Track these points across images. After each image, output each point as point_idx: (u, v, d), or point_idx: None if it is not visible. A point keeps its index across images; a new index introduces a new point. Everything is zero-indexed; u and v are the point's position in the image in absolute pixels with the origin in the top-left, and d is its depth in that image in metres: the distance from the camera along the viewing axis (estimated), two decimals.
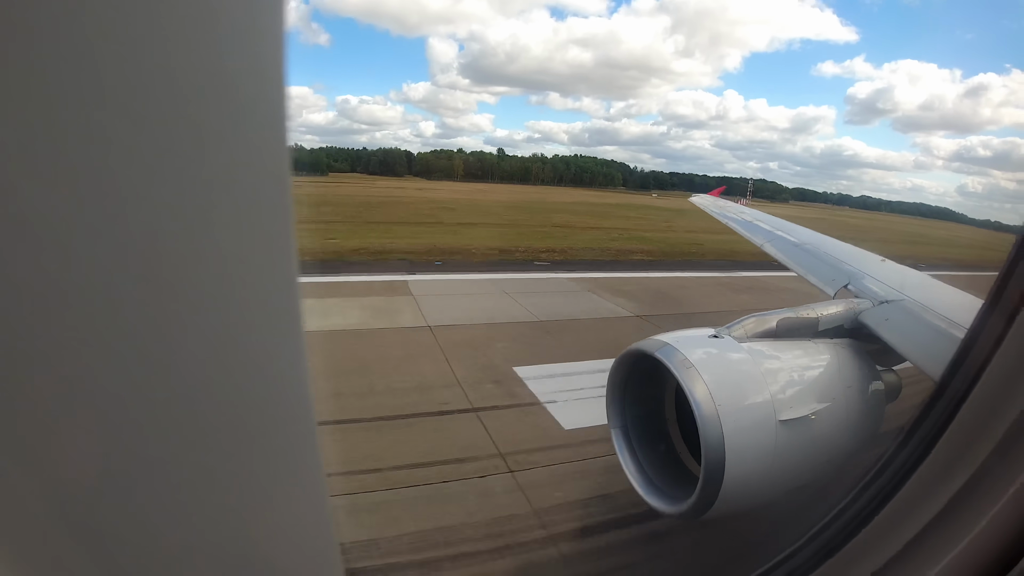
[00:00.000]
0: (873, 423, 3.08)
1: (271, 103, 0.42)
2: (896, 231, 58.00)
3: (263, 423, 0.50)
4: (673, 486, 3.02)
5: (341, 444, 5.18)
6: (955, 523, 1.08)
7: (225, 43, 0.39)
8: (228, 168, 0.42)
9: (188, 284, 0.43)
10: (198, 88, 0.39)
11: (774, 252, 6.14)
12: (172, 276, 0.42)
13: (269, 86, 0.42)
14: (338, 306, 9.72)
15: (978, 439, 1.08)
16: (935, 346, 2.93)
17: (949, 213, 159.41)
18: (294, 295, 0.48)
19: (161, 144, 0.39)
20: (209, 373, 0.45)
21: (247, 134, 0.42)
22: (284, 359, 0.49)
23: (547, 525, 4.26)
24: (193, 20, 0.38)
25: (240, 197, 0.43)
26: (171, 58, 0.37)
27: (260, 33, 0.41)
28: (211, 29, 0.39)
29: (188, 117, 0.39)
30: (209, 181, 0.41)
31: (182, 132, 0.39)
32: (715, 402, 2.56)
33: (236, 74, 0.40)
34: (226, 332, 0.45)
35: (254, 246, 0.45)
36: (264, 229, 0.45)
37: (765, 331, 3.04)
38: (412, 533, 4.05)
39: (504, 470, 5.00)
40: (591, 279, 14.06)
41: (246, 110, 0.42)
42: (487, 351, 8.04)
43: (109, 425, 0.43)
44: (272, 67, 0.42)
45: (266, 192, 0.44)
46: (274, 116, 0.43)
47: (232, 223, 0.43)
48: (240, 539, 0.53)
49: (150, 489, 0.46)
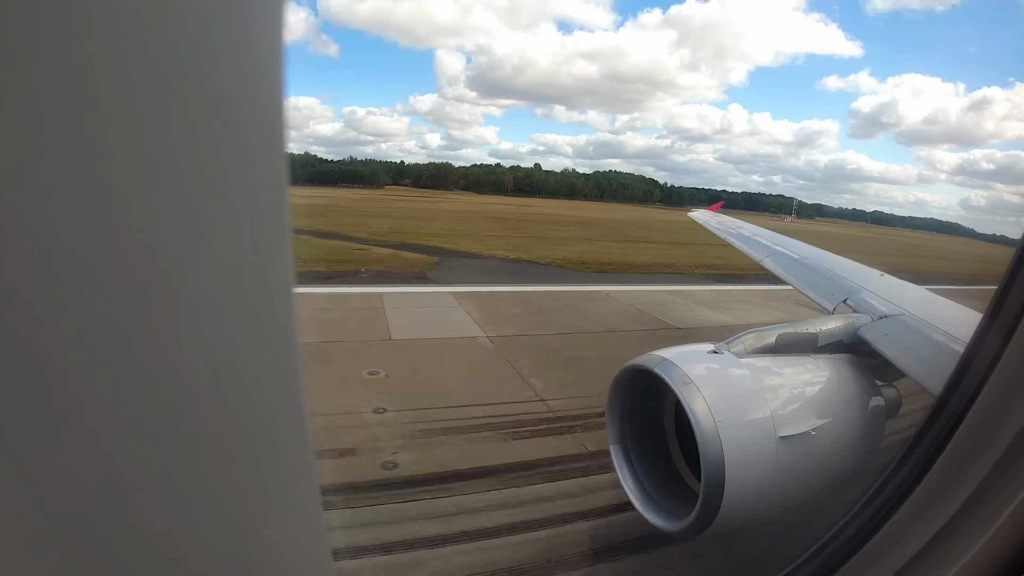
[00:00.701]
0: (873, 438, 3.06)
1: (269, 111, 0.43)
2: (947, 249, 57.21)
3: (258, 431, 0.49)
4: (672, 503, 2.99)
5: None
6: (957, 538, 1.07)
7: (223, 50, 0.40)
8: (225, 175, 0.42)
9: (183, 292, 0.42)
10: (196, 96, 0.39)
11: (773, 267, 6.15)
12: (167, 283, 0.42)
13: (267, 93, 0.42)
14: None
15: (979, 453, 1.08)
16: (935, 361, 2.92)
17: (962, 228, 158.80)
18: (289, 303, 0.48)
19: (157, 151, 0.39)
20: (204, 381, 0.45)
21: (245, 141, 0.42)
22: (279, 367, 0.49)
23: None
24: (191, 27, 0.38)
25: (236, 205, 0.43)
26: (169, 65, 0.38)
27: (259, 41, 0.42)
28: (209, 36, 0.39)
29: (185, 124, 0.39)
30: (205, 188, 0.41)
31: (179, 139, 0.39)
32: (715, 418, 2.54)
33: (234, 82, 0.41)
34: (221, 340, 0.45)
35: (250, 254, 0.45)
36: (261, 237, 0.45)
37: (764, 347, 3.04)
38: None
39: None
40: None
41: (244, 118, 0.42)
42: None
43: (104, 432, 0.43)
44: (271, 74, 0.42)
45: (263, 200, 0.44)
46: (272, 124, 0.43)
47: (228, 230, 0.43)
48: (235, 547, 0.52)
49: (144, 497, 0.46)
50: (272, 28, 0.42)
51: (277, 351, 0.48)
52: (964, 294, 4.29)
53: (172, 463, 0.46)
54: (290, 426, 0.51)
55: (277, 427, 0.50)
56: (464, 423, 5.56)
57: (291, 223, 0.46)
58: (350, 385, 6.32)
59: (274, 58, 0.42)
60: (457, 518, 4.09)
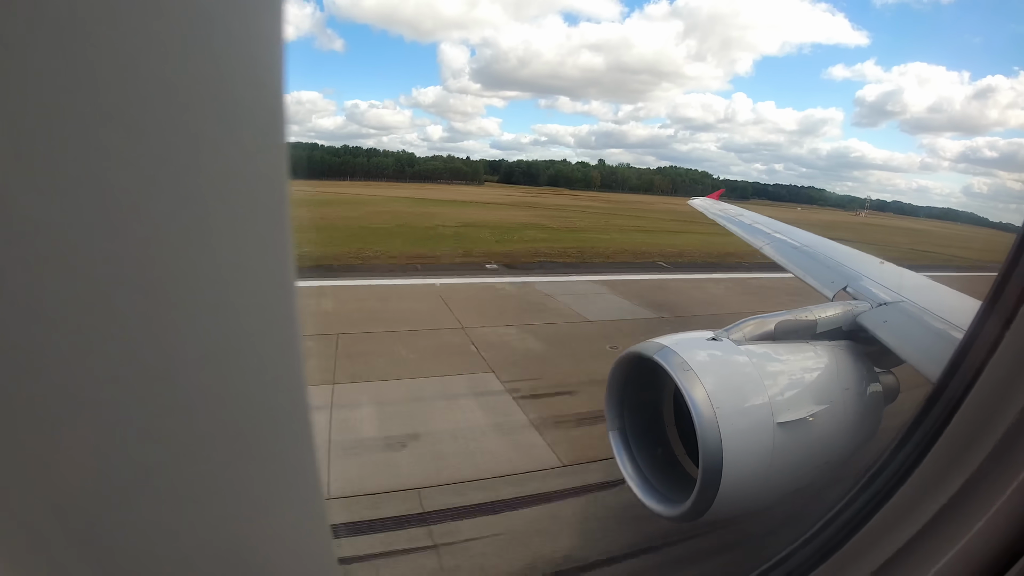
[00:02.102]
0: (871, 425, 3.08)
1: (269, 107, 0.42)
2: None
3: (261, 429, 0.49)
4: (671, 488, 3.02)
5: None
6: (953, 524, 1.08)
7: (223, 47, 0.39)
8: (225, 172, 0.41)
9: (185, 289, 0.42)
10: (196, 93, 0.39)
11: (773, 254, 6.15)
12: (169, 281, 0.42)
13: (268, 90, 0.42)
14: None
15: (976, 440, 1.09)
16: (933, 347, 2.94)
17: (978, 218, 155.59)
18: (291, 299, 0.48)
19: (157, 149, 0.38)
20: (207, 378, 0.45)
21: (245, 138, 0.42)
22: (282, 364, 0.49)
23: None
24: (190, 26, 0.38)
25: (237, 201, 0.43)
26: (168, 64, 0.37)
27: (259, 36, 0.41)
28: (209, 35, 0.39)
29: (185, 122, 0.39)
30: (206, 186, 0.41)
31: (179, 137, 0.39)
32: (713, 405, 2.56)
33: (234, 78, 0.40)
34: (224, 337, 0.45)
35: (251, 250, 0.44)
36: (262, 233, 0.45)
37: (763, 334, 3.05)
38: None
39: None
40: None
41: (244, 115, 0.41)
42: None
43: (107, 430, 0.43)
44: (271, 71, 0.42)
45: (264, 196, 0.44)
46: (272, 120, 0.43)
47: (229, 228, 0.43)
48: (237, 544, 0.53)
49: (147, 494, 0.46)
50: (272, 23, 0.41)
51: (280, 347, 0.48)
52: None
53: (175, 459, 0.46)
54: (294, 423, 0.51)
55: (281, 424, 0.50)
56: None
57: (292, 218, 0.46)
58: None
59: (274, 53, 0.42)
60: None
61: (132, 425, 0.43)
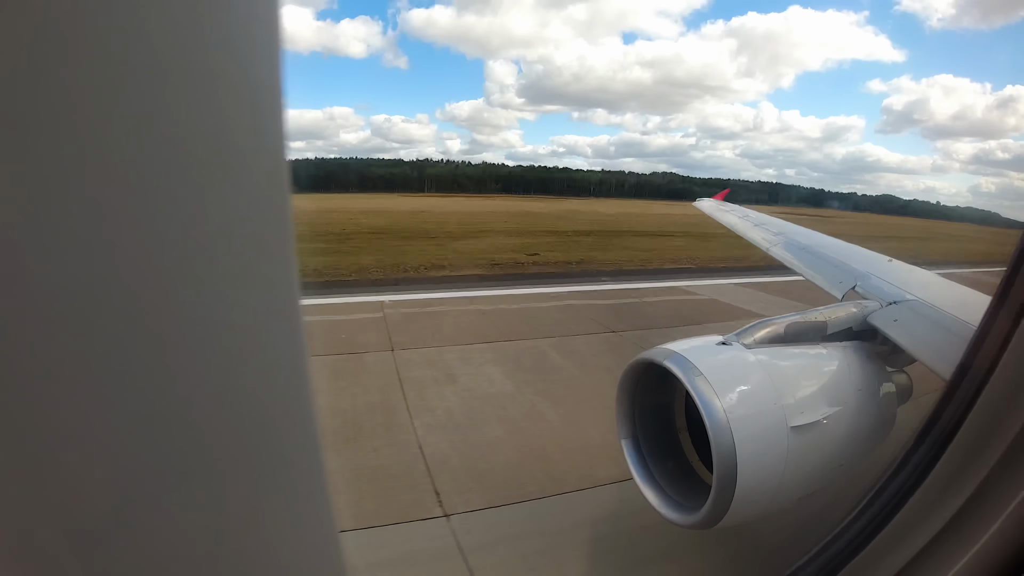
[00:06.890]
0: (885, 425, 3.04)
1: (269, 116, 0.43)
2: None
3: (268, 438, 0.49)
4: (685, 496, 2.98)
5: None
6: (967, 529, 1.06)
7: (220, 52, 0.40)
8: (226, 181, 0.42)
9: (186, 288, 0.43)
10: (195, 99, 0.39)
11: (780, 255, 6.09)
12: (171, 289, 0.42)
13: (267, 98, 0.42)
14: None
15: (991, 438, 1.07)
16: (945, 345, 2.90)
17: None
18: (295, 307, 0.48)
19: (156, 155, 0.39)
20: (212, 388, 0.45)
21: (245, 147, 0.42)
22: (288, 372, 0.49)
23: None
24: (188, 29, 0.38)
25: (239, 212, 0.43)
26: (166, 67, 0.38)
27: (257, 44, 0.42)
28: (206, 39, 0.39)
29: (185, 130, 0.39)
30: (206, 195, 0.41)
31: (178, 143, 0.39)
32: (725, 410, 2.53)
33: (232, 86, 0.41)
34: (228, 337, 0.45)
35: (255, 259, 0.45)
36: (265, 242, 0.45)
37: (773, 337, 3.02)
38: None
39: None
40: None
41: (244, 123, 0.42)
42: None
43: (113, 438, 0.43)
44: (270, 78, 0.42)
45: (266, 206, 0.44)
46: (272, 129, 0.43)
47: (231, 237, 0.43)
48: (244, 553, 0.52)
49: (152, 501, 0.46)
50: (269, 31, 0.42)
51: (286, 355, 0.48)
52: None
53: (181, 466, 0.46)
54: (301, 433, 0.51)
55: (288, 434, 0.50)
56: None
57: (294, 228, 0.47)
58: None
59: (273, 61, 0.42)
60: None
61: (139, 434, 0.43)
